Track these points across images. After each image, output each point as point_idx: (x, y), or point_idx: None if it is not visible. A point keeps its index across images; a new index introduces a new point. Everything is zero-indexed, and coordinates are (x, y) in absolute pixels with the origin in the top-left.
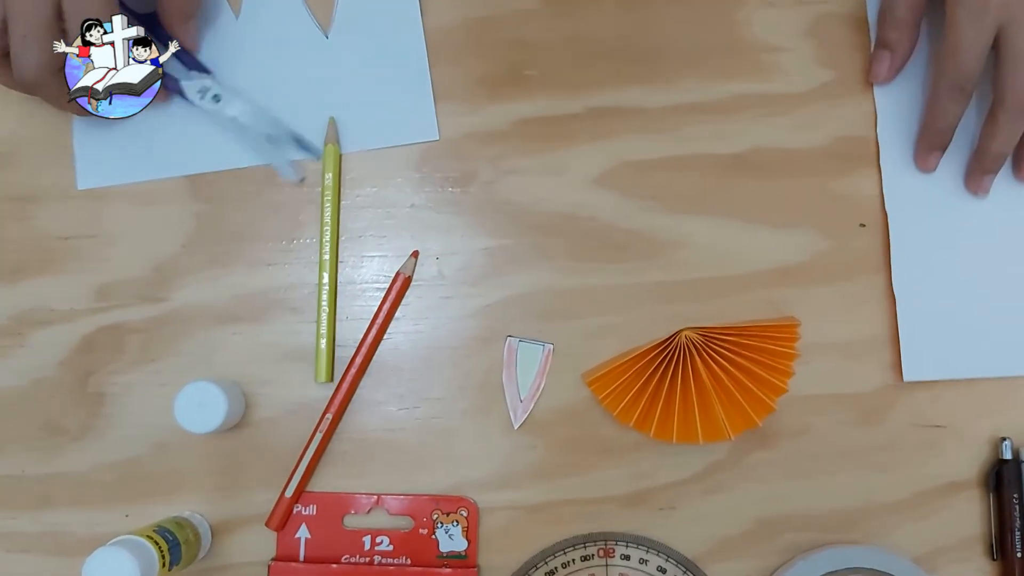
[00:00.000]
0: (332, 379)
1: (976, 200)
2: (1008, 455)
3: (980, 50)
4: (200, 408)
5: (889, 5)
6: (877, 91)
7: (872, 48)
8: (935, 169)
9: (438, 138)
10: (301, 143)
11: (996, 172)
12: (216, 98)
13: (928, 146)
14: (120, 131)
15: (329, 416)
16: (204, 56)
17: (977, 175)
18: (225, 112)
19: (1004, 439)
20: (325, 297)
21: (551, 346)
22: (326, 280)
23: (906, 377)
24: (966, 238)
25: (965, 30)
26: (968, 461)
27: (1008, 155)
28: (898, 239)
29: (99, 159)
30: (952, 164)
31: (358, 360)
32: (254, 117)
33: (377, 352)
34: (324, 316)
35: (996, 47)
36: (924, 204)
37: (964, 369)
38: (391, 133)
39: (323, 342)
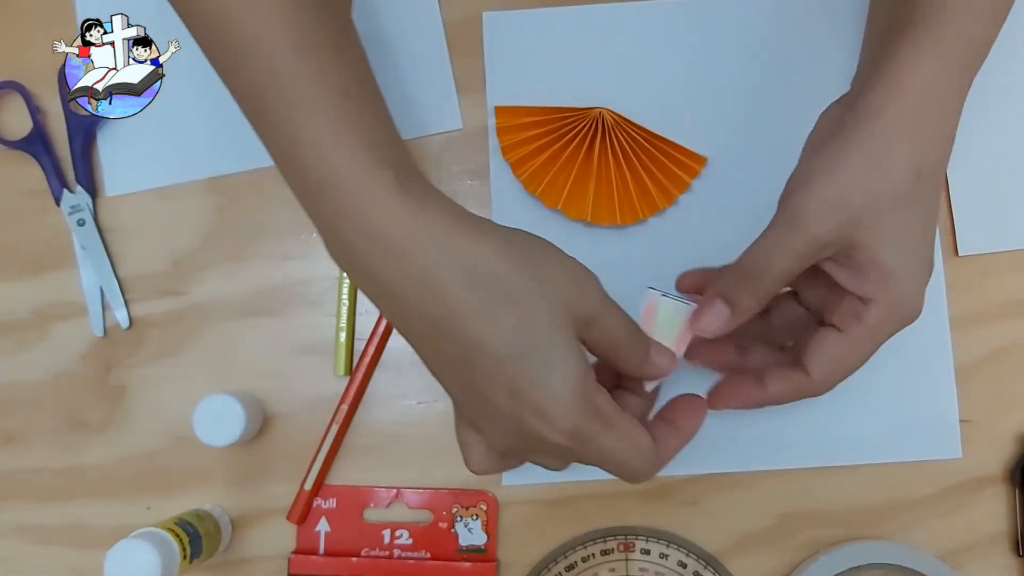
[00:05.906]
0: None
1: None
2: None
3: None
4: (218, 421)
5: (757, 270)
6: None
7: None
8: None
9: (461, 127)
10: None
11: None
12: (81, 222)
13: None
14: (145, 137)
15: (344, 407)
16: None
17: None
18: (76, 240)
19: None
20: (346, 290)
21: None
22: None
23: (961, 251)
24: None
25: (908, 281)
26: (993, 456)
27: None
28: None
29: (125, 166)
30: None
31: (371, 349)
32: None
33: (396, 345)
34: (344, 309)
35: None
36: None
37: (1018, 240)
38: (414, 124)
39: (343, 335)
